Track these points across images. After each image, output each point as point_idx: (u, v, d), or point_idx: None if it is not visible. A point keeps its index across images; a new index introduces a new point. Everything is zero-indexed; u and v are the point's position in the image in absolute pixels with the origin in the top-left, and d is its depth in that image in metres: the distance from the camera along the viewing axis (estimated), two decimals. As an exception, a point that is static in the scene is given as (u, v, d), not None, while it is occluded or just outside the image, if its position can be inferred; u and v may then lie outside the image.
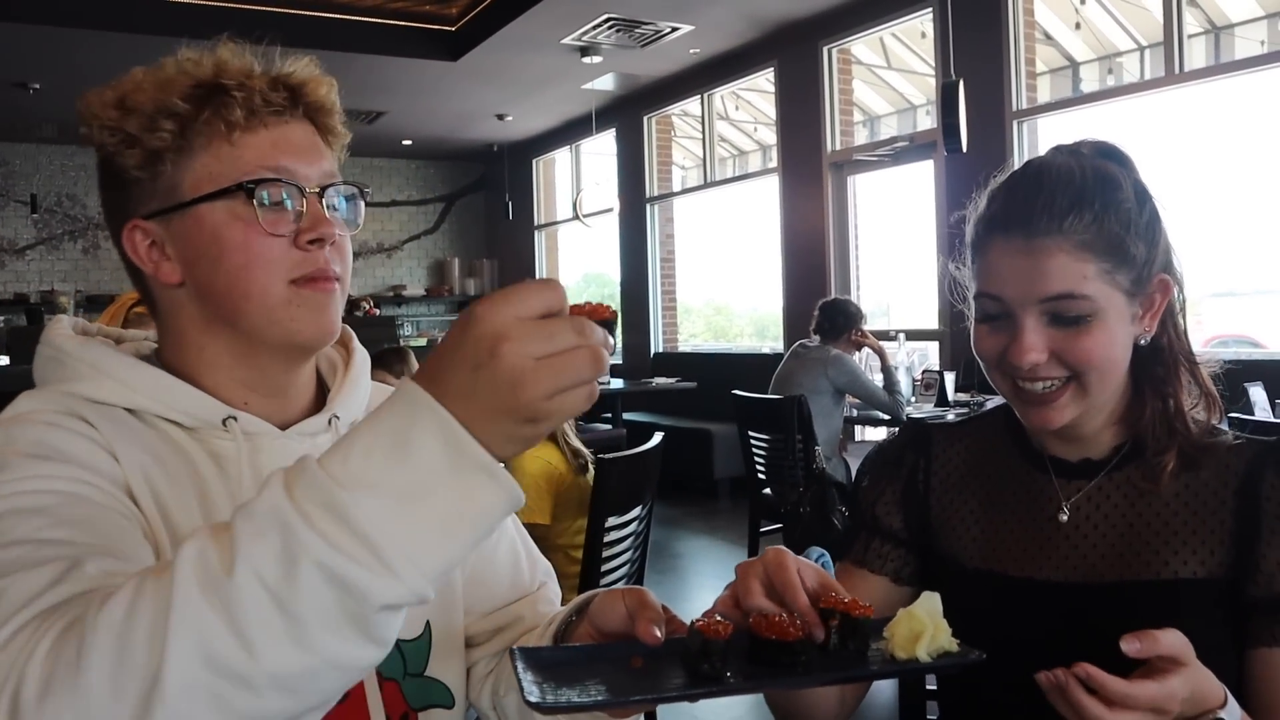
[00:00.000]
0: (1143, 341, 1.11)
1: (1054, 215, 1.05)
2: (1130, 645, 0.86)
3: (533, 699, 0.75)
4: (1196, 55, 5.99)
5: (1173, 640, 0.87)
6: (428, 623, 1.02)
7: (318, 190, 0.92)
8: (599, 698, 0.77)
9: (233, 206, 0.89)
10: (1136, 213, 1.08)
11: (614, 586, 0.97)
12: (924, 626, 0.84)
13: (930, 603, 0.86)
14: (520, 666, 0.80)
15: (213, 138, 0.89)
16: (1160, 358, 1.12)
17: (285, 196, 0.90)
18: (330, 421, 0.99)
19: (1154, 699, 0.85)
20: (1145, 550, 1.08)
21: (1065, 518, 1.13)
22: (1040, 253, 1.05)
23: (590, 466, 2.84)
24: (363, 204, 0.98)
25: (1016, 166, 1.14)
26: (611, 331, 0.66)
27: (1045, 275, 1.04)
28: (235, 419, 0.92)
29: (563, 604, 1.13)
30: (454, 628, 1.05)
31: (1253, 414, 3.61)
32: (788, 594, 0.84)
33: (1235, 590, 1.05)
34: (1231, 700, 0.91)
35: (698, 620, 0.82)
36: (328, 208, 0.92)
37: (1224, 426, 1.15)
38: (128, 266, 0.96)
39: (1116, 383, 1.10)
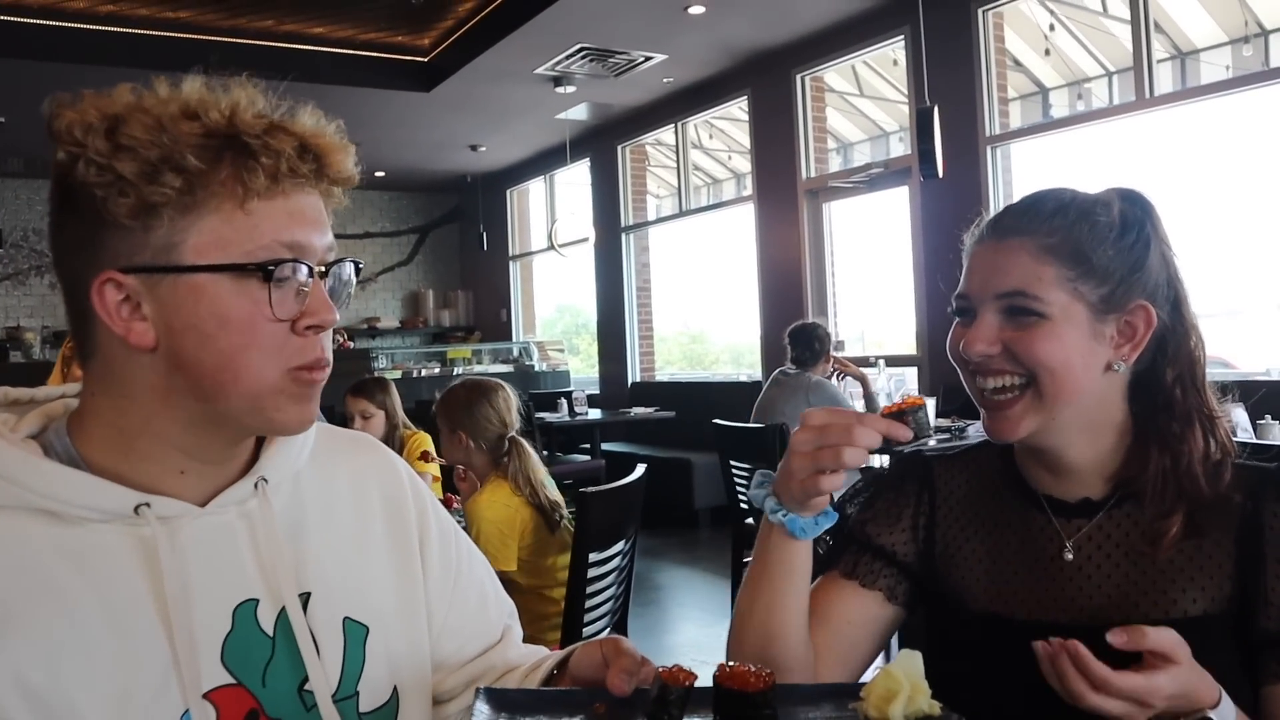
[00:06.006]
0: (1117, 368, 1.08)
1: (1028, 220, 1.08)
2: (1117, 638, 0.89)
3: None
4: (1164, 80, 6.07)
5: (1164, 638, 0.89)
6: (395, 688, 0.95)
7: (323, 270, 0.85)
8: None
9: (243, 284, 0.80)
10: (1116, 233, 1.07)
11: (597, 637, 0.98)
12: (900, 686, 0.82)
13: (910, 662, 0.83)
14: (480, 705, 0.83)
15: (225, 199, 0.80)
16: (1174, 412, 1.09)
17: (296, 277, 0.82)
18: (256, 485, 0.90)
19: (1135, 689, 0.88)
20: (1152, 590, 1.07)
21: (1070, 556, 1.11)
22: (1004, 251, 1.08)
23: (566, 520, 2.79)
24: (355, 281, 0.91)
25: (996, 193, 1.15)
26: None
27: (1003, 271, 1.08)
28: (148, 505, 0.83)
29: (531, 642, 1.11)
30: (424, 689, 0.98)
31: (1235, 436, 3.61)
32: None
33: (1244, 623, 1.03)
34: (1226, 701, 0.92)
35: (662, 668, 0.84)
36: (329, 290, 0.86)
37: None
38: (74, 312, 0.84)
39: (1081, 399, 1.07)
